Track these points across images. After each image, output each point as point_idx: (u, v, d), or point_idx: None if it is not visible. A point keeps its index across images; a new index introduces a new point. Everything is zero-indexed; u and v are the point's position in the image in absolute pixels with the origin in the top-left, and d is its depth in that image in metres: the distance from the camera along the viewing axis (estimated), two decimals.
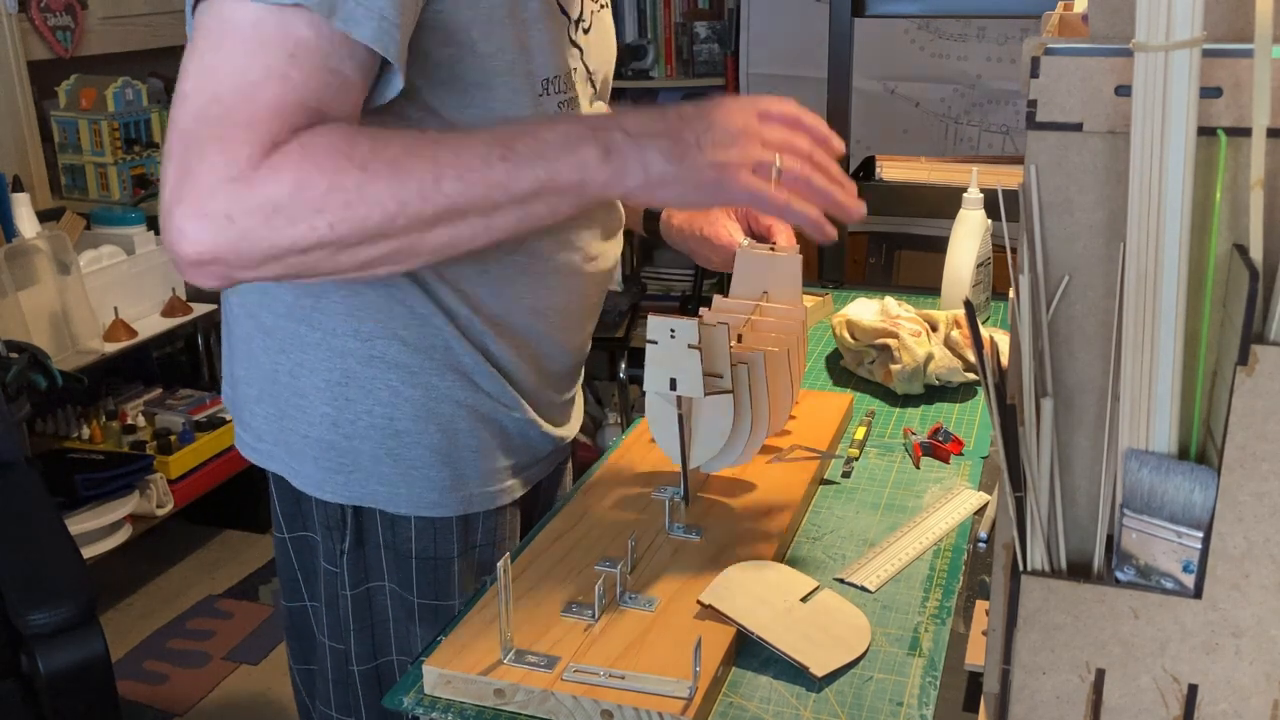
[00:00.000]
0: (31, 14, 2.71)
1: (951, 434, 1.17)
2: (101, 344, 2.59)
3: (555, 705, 0.79)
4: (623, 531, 0.99)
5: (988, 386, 0.64)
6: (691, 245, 1.26)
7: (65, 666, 1.60)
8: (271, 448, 1.09)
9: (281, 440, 1.08)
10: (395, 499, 1.06)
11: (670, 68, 3.44)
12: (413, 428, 1.03)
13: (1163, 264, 0.57)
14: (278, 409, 1.07)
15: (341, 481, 1.06)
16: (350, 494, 1.06)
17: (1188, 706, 0.63)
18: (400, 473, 1.05)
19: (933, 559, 0.98)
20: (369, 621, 1.11)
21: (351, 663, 1.12)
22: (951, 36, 3.01)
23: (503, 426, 1.07)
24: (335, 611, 1.11)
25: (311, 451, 1.06)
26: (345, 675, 1.13)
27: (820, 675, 0.82)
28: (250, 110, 0.80)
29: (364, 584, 1.09)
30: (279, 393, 1.06)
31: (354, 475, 1.05)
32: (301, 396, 1.05)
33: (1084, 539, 0.65)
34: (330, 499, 1.07)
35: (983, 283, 1.51)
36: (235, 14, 0.81)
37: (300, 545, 1.14)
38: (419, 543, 1.07)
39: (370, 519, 1.07)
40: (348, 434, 1.04)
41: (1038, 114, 0.59)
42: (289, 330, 1.03)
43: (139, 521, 2.62)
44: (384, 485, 1.05)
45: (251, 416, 1.10)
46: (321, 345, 1.02)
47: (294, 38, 0.80)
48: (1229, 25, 0.56)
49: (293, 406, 1.06)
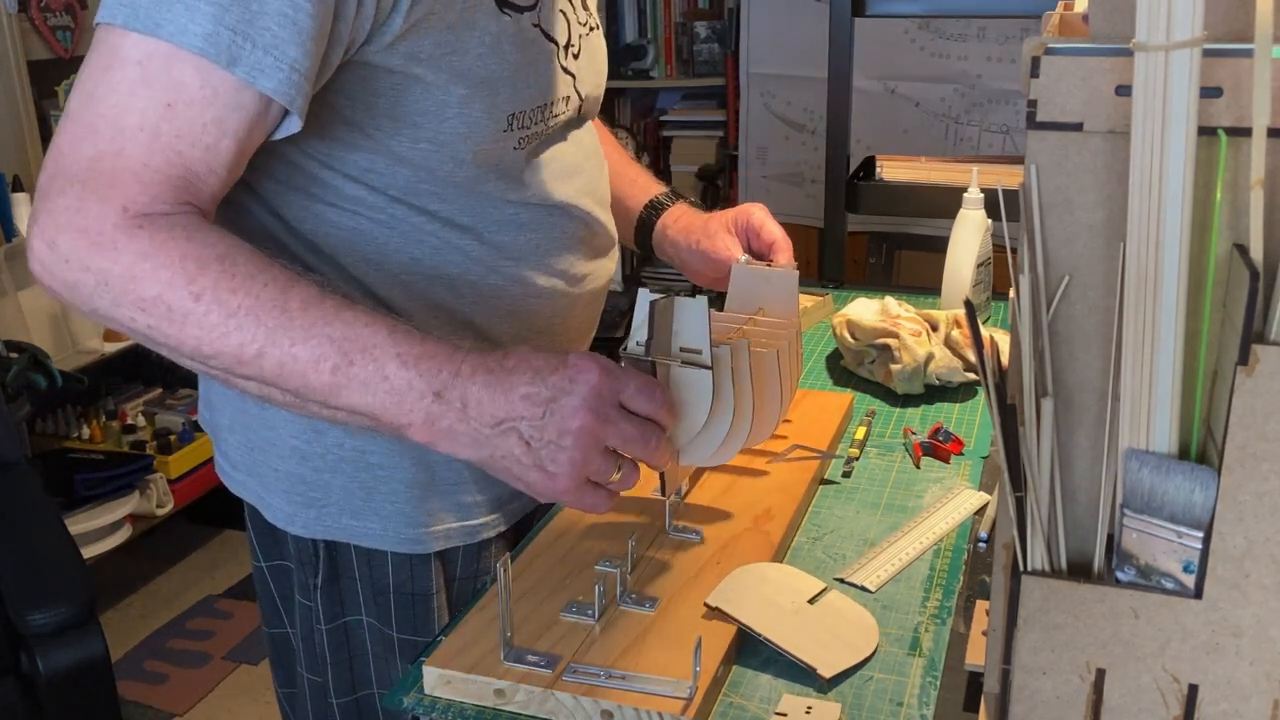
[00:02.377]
0: (31, 14, 2.71)
1: (951, 434, 1.17)
2: (101, 344, 2.59)
3: (555, 705, 0.79)
4: (623, 531, 0.99)
5: (988, 386, 0.64)
6: (686, 259, 1.24)
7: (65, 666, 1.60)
8: (245, 478, 1.06)
9: (254, 471, 1.05)
10: (369, 534, 1.02)
11: (670, 68, 3.43)
12: (385, 461, 1.00)
13: (1163, 264, 0.57)
14: (248, 440, 1.04)
15: (314, 516, 1.03)
16: (323, 528, 1.03)
17: (1188, 706, 0.63)
18: (373, 507, 1.01)
19: (933, 559, 0.98)
20: (346, 654, 1.08)
21: (330, 695, 1.10)
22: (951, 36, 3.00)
23: None
24: (311, 644, 1.09)
25: (282, 485, 1.03)
26: (325, 708, 1.11)
27: (828, 677, 0.82)
28: (114, 168, 0.78)
29: (340, 618, 1.07)
30: (249, 423, 1.03)
31: (326, 509, 1.02)
32: (270, 428, 1.02)
33: (1084, 539, 0.65)
34: (302, 533, 1.04)
35: (983, 283, 1.51)
36: (124, 45, 0.79)
37: (277, 574, 1.11)
38: (396, 577, 1.04)
39: (345, 553, 1.04)
40: (317, 467, 1.01)
41: (1038, 114, 0.59)
42: None
43: (139, 521, 2.62)
44: (357, 520, 1.02)
45: (225, 444, 1.08)
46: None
47: (175, 85, 0.78)
48: (1229, 25, 0.56)
49: (262, 438, 1.03)
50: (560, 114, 1.02)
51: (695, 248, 1.22)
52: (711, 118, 3.42)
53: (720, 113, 3.39)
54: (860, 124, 2.86)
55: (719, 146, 3.43)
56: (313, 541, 1.04)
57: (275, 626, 1.15)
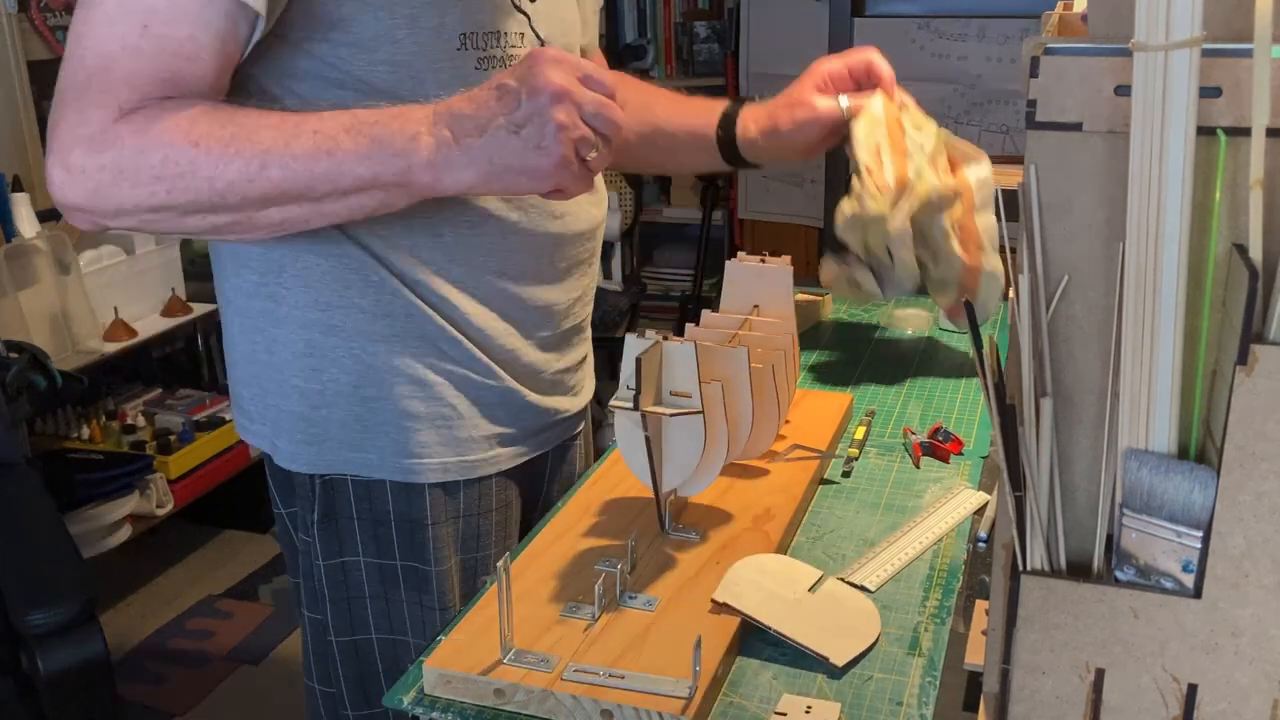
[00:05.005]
0: (31, 14, 2.71)
1: (951, 434, 1.17)
2: (101, 344, 2.59)
3: (555, 705, 0.79)
4: (623, 531, 0.99)
5: (987, 386, 0.64)
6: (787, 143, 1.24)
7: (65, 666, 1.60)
8: (260, 426, 1.12)
9: (268, 418, 1.10)
10: (368, 464, 1.07)
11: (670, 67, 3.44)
12: (379, 394, 1.05)
13: (1162, 264, 0.57)
14: (260, 388, 1.09)
15: (315, 452, 1.08)
16: (324, 463, 1.08)
17: (1187, 706, 0.63)
18: (371, 438, 1.06)
19: (933, 559, 0.98)
20: (345, 594, 1.11)
21: (330, 633, 1.13)
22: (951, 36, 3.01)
23: (479, 394, 1.07)
24: (311, 581, 1.13)
25: (288, 425, 1.08)
26: (324, 646, 1.14)
27: (841, 664, 0.83)
28: (105, 79, 0.87)
29: (338, 556, 1.10)
30: (259, 372, 1.09)
31: (326, 445, 1.07)
32: (277, 371, 1.07)
33: (1084, 539, 0.65)
34: (305, 470, 1.09)
35: None
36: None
37: (295, 519, 1.15)
38: (395, 506, 1.08)
39: (343, 489, 1.08)
40: (315, 404, 1.06)
41: (1037, 114, 0.59)
42: (257, 308, 1.06)
43: (139, 521, 2.62)
44: (356, 452, 1.07)
45: (241, 399, 1.13)
46: (286, 319, 1.04)
47: (148, 9, 0.87)
48: (1229, 25, 0.56)
49: (272, 383, 1.08)
50: (517, 50, 1.03)
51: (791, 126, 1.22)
52: None
53: None
54: None
55: None
56: (310, 478, 1.09)
57: (294, 575, 1.19)
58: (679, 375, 0.93)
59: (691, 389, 0.93)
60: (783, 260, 1.14)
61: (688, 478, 0.97)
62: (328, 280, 1.02)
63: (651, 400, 0.92)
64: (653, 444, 0.94)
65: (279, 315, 1.05)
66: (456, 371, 1.06)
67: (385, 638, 1.12)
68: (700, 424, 0.93)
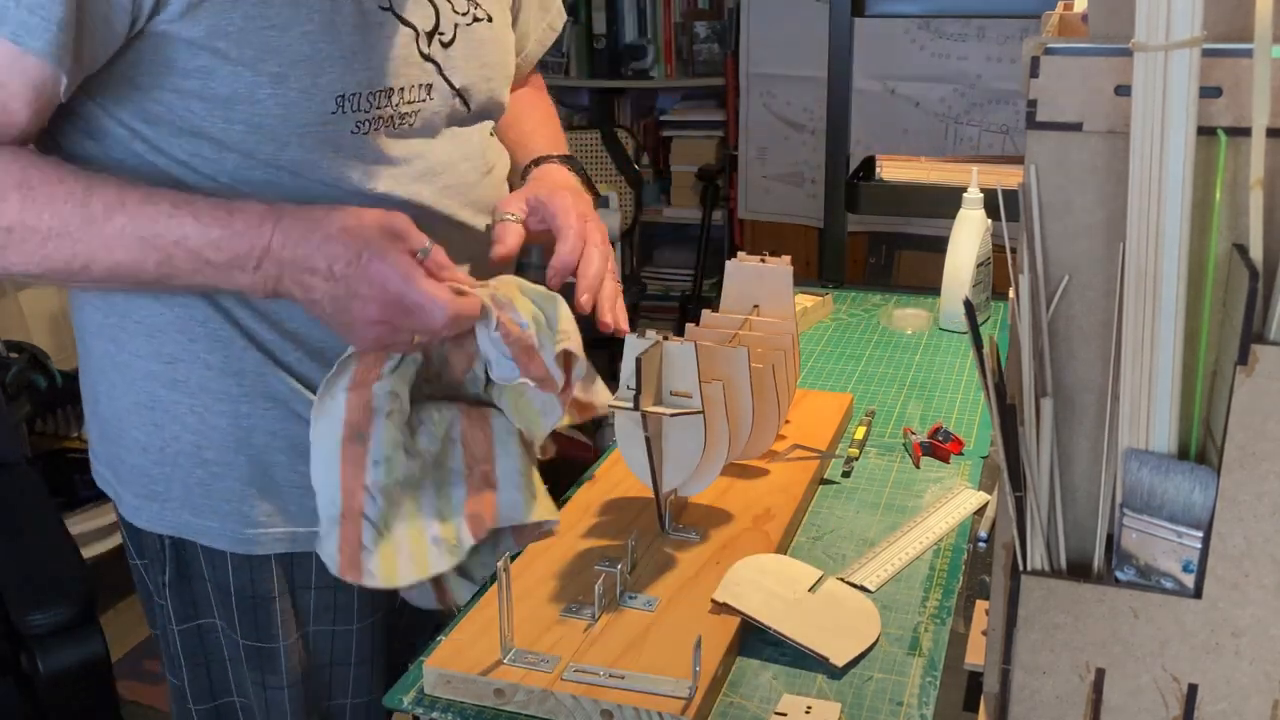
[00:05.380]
0: None
1: (951, 434, 1.17)
2: None
3: (555, 705, 0.79)
4: (623, 531, 0.99)
5: (987, 386, 0.64)
6: None
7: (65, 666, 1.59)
8: (104, 470, 1.06)
9: (109, 464, 1.04)
10: (209, 532, 1.00)
11: (670, 67, 3.44)
12: (221, 457, 0.98)
13: (1162, 264, 0.57)
14: (101, 431, 1.03)
15: (156, 510, 1.01)
16: (165, 524, 1.01)
17: (1187, 706, 0.63)
18: (211, 505, 0.99)
19: (933, 559, 0.98)
20: (203, 658, 1.06)
21: (188, 700, 1.08)
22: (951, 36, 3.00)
23: None
24: (168, 645, 1.07)
25: (130, 477, 1.02)
26: (184, 713, 1.09)
27: (841, 664, 0.83)
28: None
29: (193, 620, 1.05)
30: (102, 414, 1.03)
31: (168, 504, 1.01)
32: (118, 419, 1.01)
33: (1084, 539, 0.65)
34: (146, 528, 1.02)
35: (983, 283, 1.51)
36: None
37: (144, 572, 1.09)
38: (237, 579, 1.01)
39: (192, 550, 1.02)
40: (157, 460, 0.99)
41: (1038, 114, 0.59)
42: (101, 350, 1.00)
43: None
44: (196, 517, 1.00)
45: (91, 435, 1.06)
46: (128, 367, 0.98)
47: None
48: (1229, 25, 0.56)
49: (112, 430, 1.02)
50: (419, 103, 0.97)
51: None
52: (711, 118, 3.42)
53: (720, 113, 3.39)
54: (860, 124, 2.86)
55: (719, 146, 3.43)
56: (159, 537, 1.02)
57: (154, 627, 1.12)
58: (679, 375, 0.93)
59: (692, 389, 0.93)
60: (783, 260, 1.14)
61: (688, 478, 0.97)
62: (171, 331, 0.95)
63: (652, 400, 0.92)
64: (653, 444, 0.94)
65: (120, 361, 0.98)
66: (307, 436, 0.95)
67: (245, 702, 1.07)
68: (700, 424, 0.93)
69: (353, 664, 1.08)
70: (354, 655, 1.07)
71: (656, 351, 0.92)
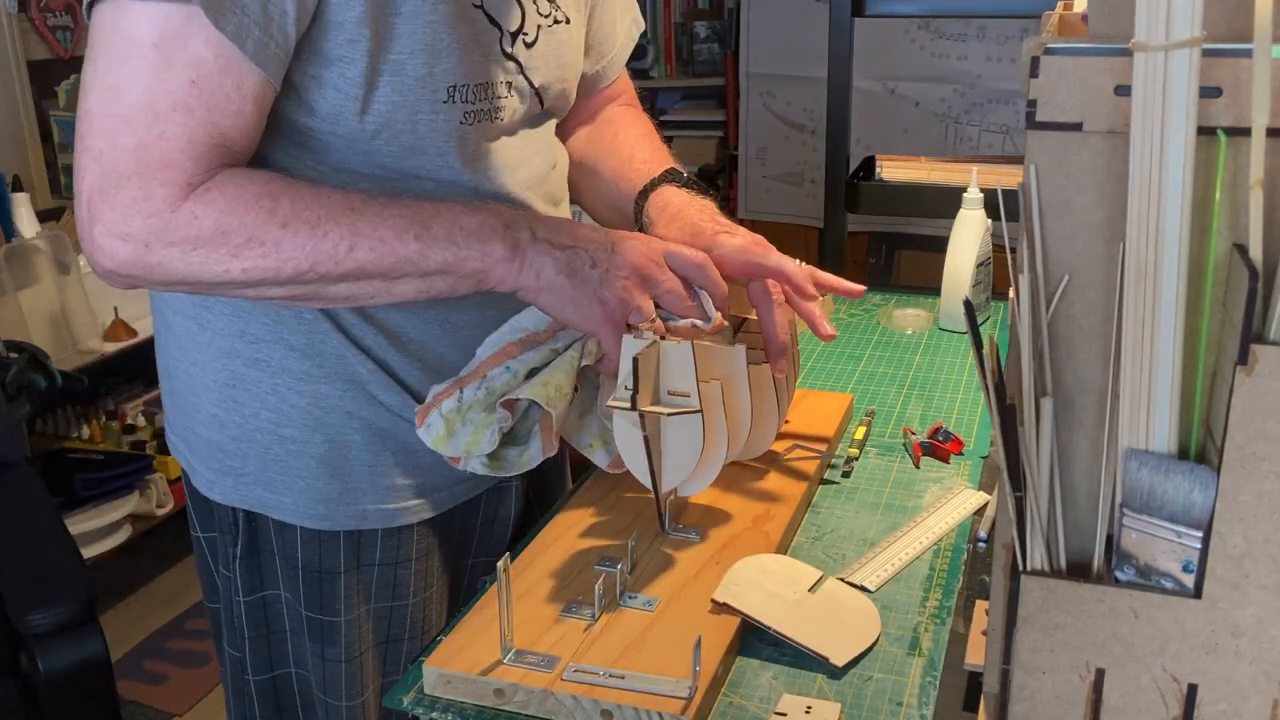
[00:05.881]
0: (31, 14, 2.71)
1: (951, 434, 1.17)
2: (101, 344, 2.59)
3: (555, 705, 0.79)
4: (623, 531, 0.99)
5: (987, 386, 0.64)
6: None
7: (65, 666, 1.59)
8: (178, 443, 1.09)
9: (184, 437, 1.08)
10: (281, 507, 1.03)
11: (670, 67, 3.44)
12: (298, 435, 1.01)
13: (1162, 264, 0.57)
14: (177, 404, 1.07)
15: (230, 484, 1.04)
16: (239, 497, 1.04)
17: (1187, 706, 0.63)
18: (286, 480, 1.02)
19: (933, 559, 0.98)
20: (265, 630, 1.09)
21: (247, 671, 1.10)
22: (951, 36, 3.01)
23: (404, 443, 1.03)
24: (231, 617, 1.09)
25: (205, 451, 1.05)
26: (242, 684, 1.11)
27: (841, 664, 0.83)
28: (162, 149, 0.83)
29: (259, 591, 1.07)
30: (178, 389, 1.06)
31: (242, 479, 1.04)
32: (195, 395, 1.04)
33: (1084, 539, 0.65)
34: (221, 501, 1.06)
35: (983, 283, 1.51)
36: (136, 29, 0.82)
37: (210, 545, 1.12)
38: (305, 553, 1.04)
39: (264, 524, 1.05)
40: (235, 436, 1.03)
41: (1037, 114, 0.59)
42: (183, 328, 1.03)
43: (139, 521, 2.62)
44: (270, 492, 1.03)
45: (167, 408, 1.11)
46: (210, 345, 1.01)
47: (194, 61, 0.83)
48: (1229, 25, 0.56)
49: (188, 404, 1.05)
50: (504, 99, 1.00)
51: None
52: (711, 118, 3.42)
53: (720, 113, 3.39)
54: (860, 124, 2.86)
55: (719, 146, 3.43)
56: (233, 510, 1.06)
57: (213, 601, 1.15)
58: (677, 375, 0.92)
59: (689, 388, 0.92)
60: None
61: (687, 478, 0.97)
62: (257, 313, 0.99)
63: (649, 400, 0.92)
64: (651, 444, 0.93)
65: (203, 340, 1.02)
66: (383, 418, 1.02)
67: (303, 673, 1.10)
68: (699, 423, 0.93)
69: (406, 639, 1.10)
70: (408, 630, 1.10)
71: (653, 351, 0.92)
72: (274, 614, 1.08)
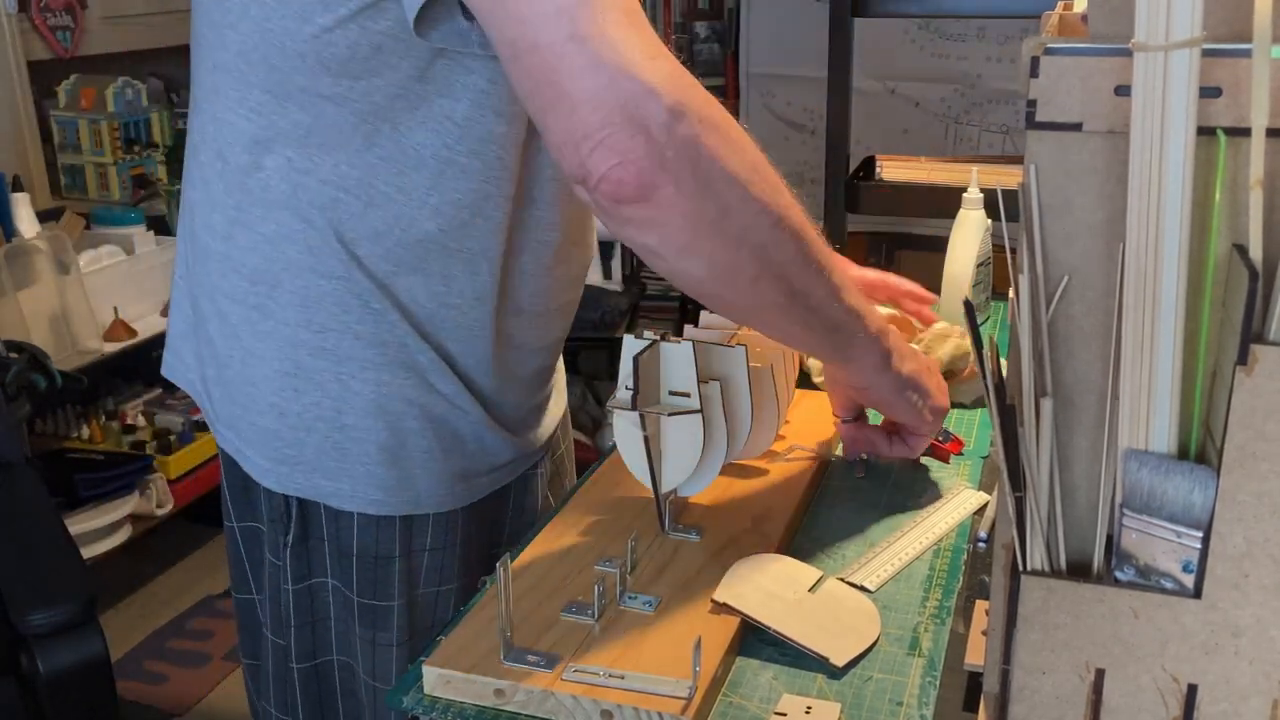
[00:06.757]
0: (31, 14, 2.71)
1: (951, 434, 1.17)
2: (101, 344, 2.59)
3: (555, 705, 0.79)
4: (623, 531, 0.99)
5: (987, 386, 0.64)
6: None
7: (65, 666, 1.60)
8: (226, 431, 1.09)
9: (233, 425, 1.08)
10: (339, 494, 1.05)
11: None
12: (360, 423, 1.02)
13: (1162, 264, 0.57)
14: (228, 393, 1.07)
15: (286, 472, 1.05)
16: (295, 485, 1.05)
17: (1187, 706, 0.63)
18: (345, 468, 1.04)
19: (933, 559, 0.98)
20: (310, 618, 1.10)
21: (291, 660, 1.11)
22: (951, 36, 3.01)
23: (456, 430, 1.05)
24: (278, 605, 1.11)
25: (259, 439, 1.06)
26: (285, 672, 1.12)
27: (841, 665, 0.83)
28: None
29: (306, 579, 1.08)
30: (230, 378, 1.06)
31: (298, 467, 1.05)
32: (251, 384, 1.04)
33: (1084, 539, 0.65)
34: (275, 488, 1.06)
35: (983, 283, 1.51)
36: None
37: (248, 535, 1.13)
38: (360, 540, 1.06)
39: (315, 512, 1.06)
40: (294, 425, 1.03)
41: (1037, 114, 0.59)
42: (242, 316, 1.02)
43: (139, 521, 2.62)
44: (328, 479, 1.04)
45: (212, 398, 1.10)
46: (273, 335, 1.01)
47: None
48: (1229, 25, 0.56)
49: (242, 394, 1.05)
50: None
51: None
52: None
53: None
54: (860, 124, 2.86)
55: None
56: (285, 498, 1.06)
57: (243, 592, 1.16)
58: (677, 375, 0.93)
59: (690, 389, 0.93)
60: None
61: (687, 478, 0.97)
62: (326, 303, 0.99)
63: (650, 400, 0.92)
64: (651, 444, 0.94)
65: (263, 329, 1.02)
66: (439, 406, 1.04)
67: (344, 659, 1.11)
68: (699, 424, 0.93)
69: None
70: (451, 615, 1.10)
71: (654, 351, 0.92)
72: (320, 602, 1.09)
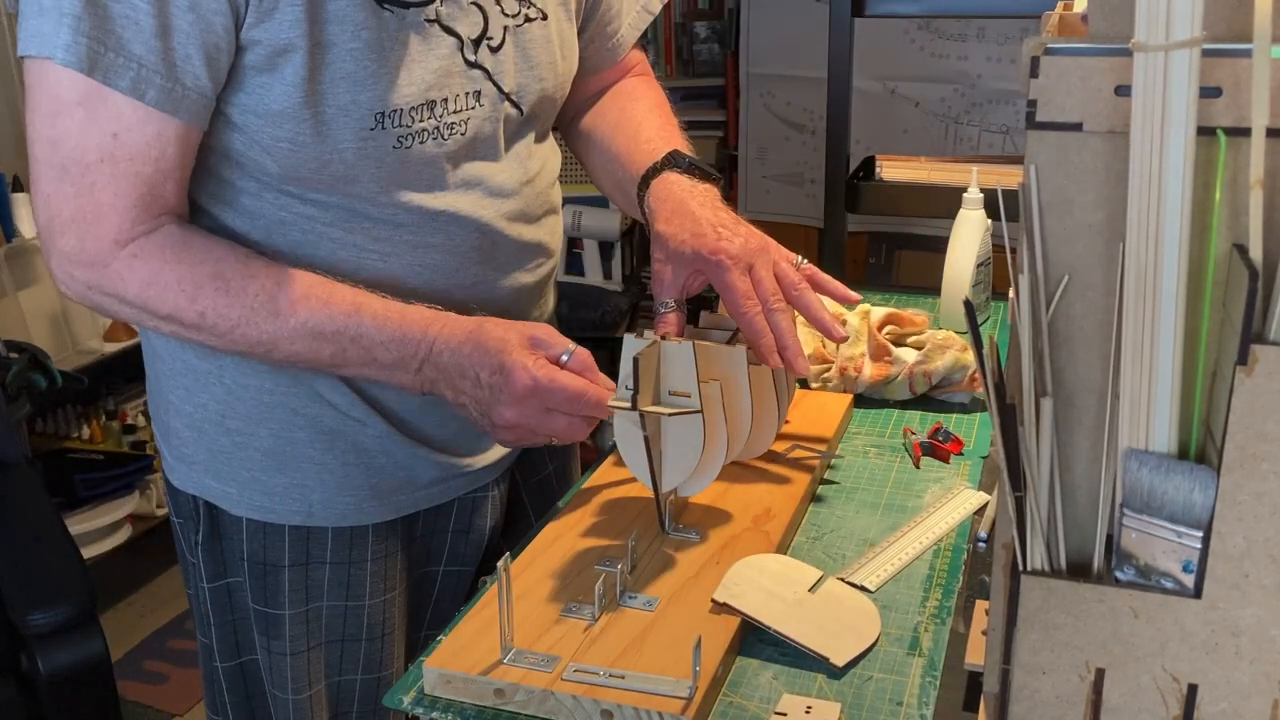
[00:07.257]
0: None
1: (951, 434, 1.17)
2: (101, 344, 2.59)
3: (555, 705, 0.79)
4: (623, 531, 0.99)
5: (988, 386, 0.64)
6: None
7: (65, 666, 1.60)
8: (155, 428, 1.12)
9: (157, 423, 1.11)
10: (227, 497, 1.05)
11: (670, 68, 3.43)
12: (243, 428, 1.03)
13: (1162, 264, 0.57)
14: (151, 389, 1.10)
15: (185, 470, 1.07)
16: (193, 484, 1.07)
17: (1187, 706, 0.63)
18: (232, 472, 1.04)
19: (933, 559, 0.98)
20: (230, 616, 1.10)
21: (215, 658, 1.11)
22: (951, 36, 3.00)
23: (357, 443, 1.04)
24: (199, 603, 1.11)
25: (164, 436, 1.09)
26: (211, 671, 1.12)
27: (841, 664, 0.83)
28: (95, 201, 0.90)
29: (222, 578, 1.09)
30: (152, 375, 1.10)
31: (194, 466, 1.06)
32: (158, 380, 1.08)
33: (1084, 539, 0.65)
34: (180, 486, 1.08)
35: (983, 283, 1.51)
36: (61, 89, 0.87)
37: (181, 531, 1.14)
38: (250, 545, 1.06)
39: (220, 512, 1.07)
40: (188, 424, 1.05)
41: (1037, 114, 0.59)
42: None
43: (139, 521, 2.62)
44: (217, 481, 1.05)
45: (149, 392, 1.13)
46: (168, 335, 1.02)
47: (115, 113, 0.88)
48: (1229, 25, 0.56)
49: (157, 390, 1.09)
50: (467, 111, 0.99)
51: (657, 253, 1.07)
52: (711, 118, 3.42)
53: (720, 113, 3.39)
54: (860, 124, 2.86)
55: (719, 147, 3.43)
56: (192, 497, 1.08)
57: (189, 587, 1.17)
58: (677, 375, 0.93)
59: (690, 389, 0.93)
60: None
61: (687, 478, 0.97)
62: None
63: (650, 400, 0.92)
64: (651, 444, 0.94)
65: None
66: (329, 416, 1.03)
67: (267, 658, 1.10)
68: (699, 423, 0.93)
69: (364, 640, 1.10)
70: (365, 631, 1.10)
71: (654, 351, 0.92)
72: (238, 602, 1.09)
